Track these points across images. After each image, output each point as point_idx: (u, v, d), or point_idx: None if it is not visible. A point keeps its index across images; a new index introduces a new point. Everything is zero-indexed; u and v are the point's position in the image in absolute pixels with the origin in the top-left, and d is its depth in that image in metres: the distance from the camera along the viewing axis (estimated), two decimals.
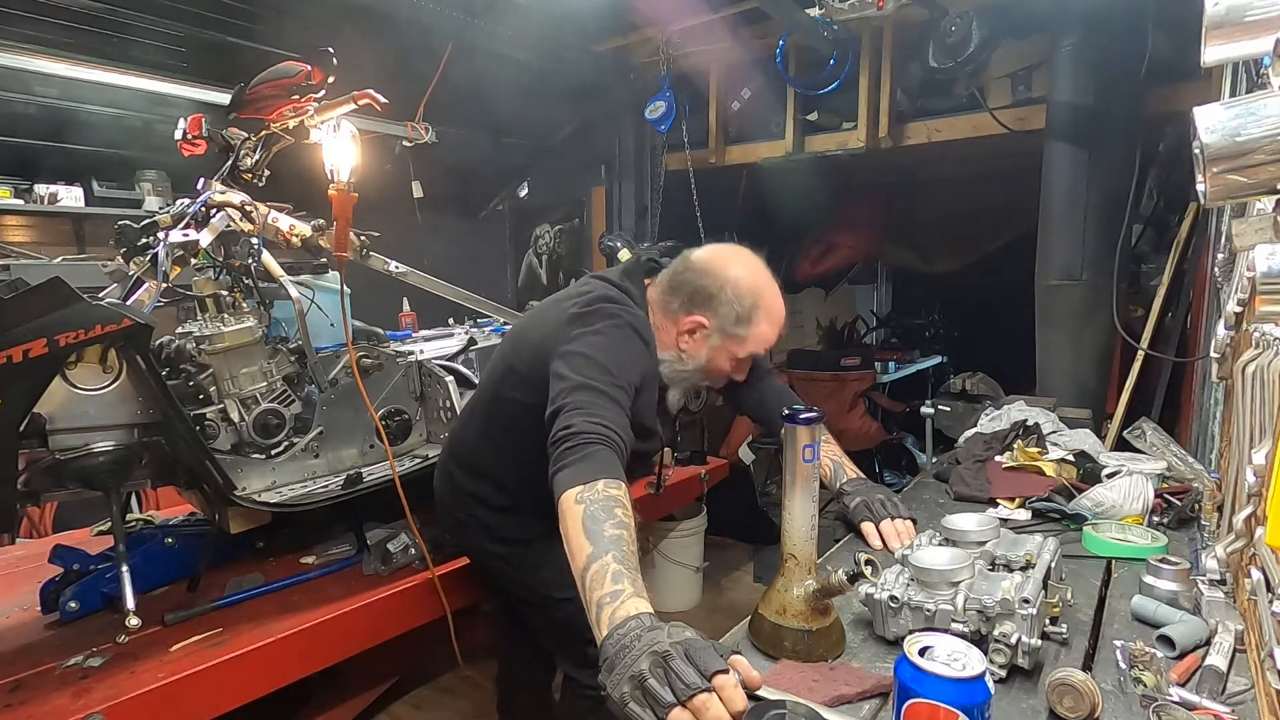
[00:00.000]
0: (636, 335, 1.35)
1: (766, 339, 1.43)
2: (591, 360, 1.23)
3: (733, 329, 1.40)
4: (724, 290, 1.39)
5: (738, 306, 1.39)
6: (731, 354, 1.43)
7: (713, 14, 3.34)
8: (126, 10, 2.69)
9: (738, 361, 1.45)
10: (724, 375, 1.49)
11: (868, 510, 1.38)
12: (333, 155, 1.69)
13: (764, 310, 1.40)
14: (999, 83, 3.05)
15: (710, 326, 1.41)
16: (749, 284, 1.40)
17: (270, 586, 1.81)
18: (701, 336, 1.42)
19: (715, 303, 1.39)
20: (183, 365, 1.77)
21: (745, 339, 1.41)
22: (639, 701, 0.73)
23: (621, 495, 1.00)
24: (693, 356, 1.44)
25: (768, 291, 1.42)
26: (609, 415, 1.14)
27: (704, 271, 1.41)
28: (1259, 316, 0.72)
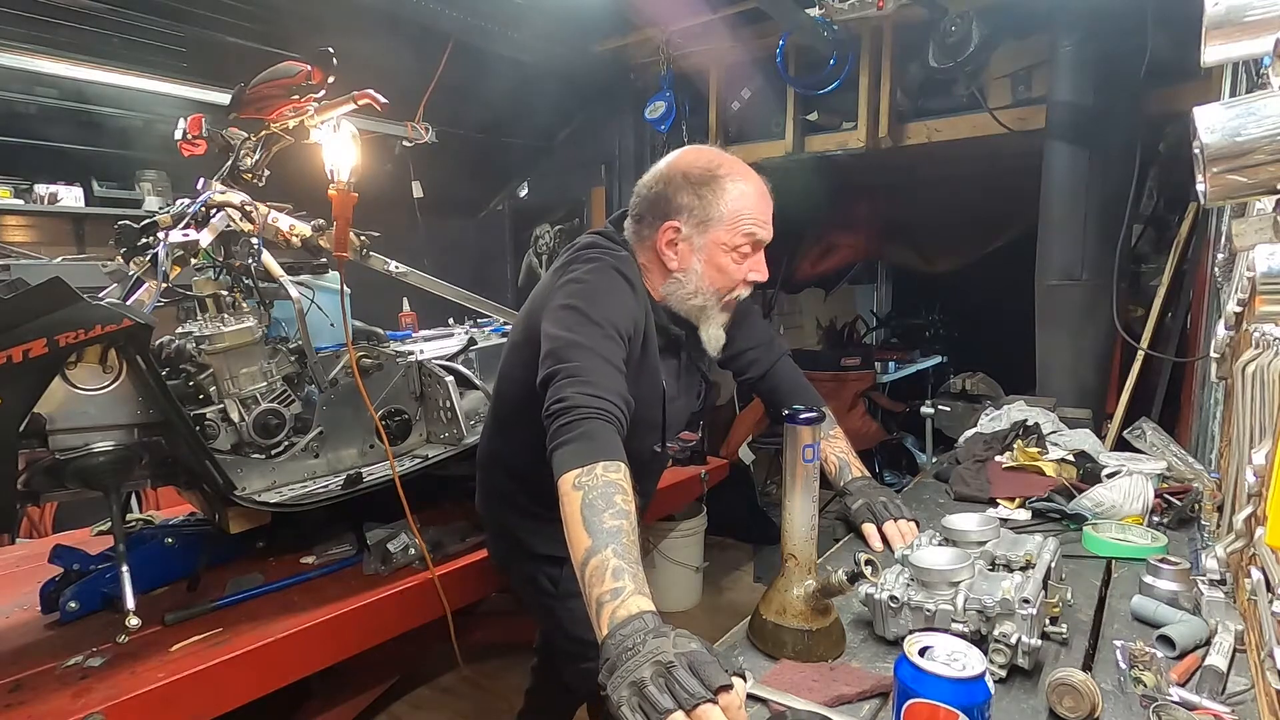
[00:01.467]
0: (620, 276, 1.25)
1: (751, 205, 1.27)
2: (575, 311, 1.15)
3: (705, 212, 1.26)
4: (675, 180, 1.28)
5: (698, 188, 1.26)
6: (724, 245, 1.28)
7: (713, 14, 3.34)
8: (126, 10, 2.69)
9: (738, 253, 1.29)
10: (737, 281, 1.32)
11: (869, 512, 1.36)
12: (333, 155, 1.69)
13: (727, 175, 1.27)
14: (999, 83, 3.05)
15: (682, 224, 1.28)
16: (697, 160, 1.28)
17: (270, 586, 1.81)
18: (684, 244, 1.29)
19: (675, 199, 1.27)
20: (183, 365, 1.77)
21: (724, 216, 1.26)
22: (633, 708, 0.72)
23: (620, 479, 0.98)
24: (687, 271, 1.30)
25: (723, 159, 1.29)
26: (603, 380, 1.08)
27: (651, 183, 1.31)
28: (1259, 316, 0.72)
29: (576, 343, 1.11)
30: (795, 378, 1.62)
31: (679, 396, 1.44)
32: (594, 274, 1.24)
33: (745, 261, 1.31)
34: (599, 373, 1.08)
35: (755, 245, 1.30)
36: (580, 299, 1.17)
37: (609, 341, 1.13)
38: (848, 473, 1.48)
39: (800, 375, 1.64)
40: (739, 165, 1.30)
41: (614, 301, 1.20)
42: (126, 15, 2.70)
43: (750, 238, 1.28)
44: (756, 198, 1.28)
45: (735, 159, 1.30)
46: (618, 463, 0.99)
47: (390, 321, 2.67)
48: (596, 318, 1.14)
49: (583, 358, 1.09)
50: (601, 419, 1.03)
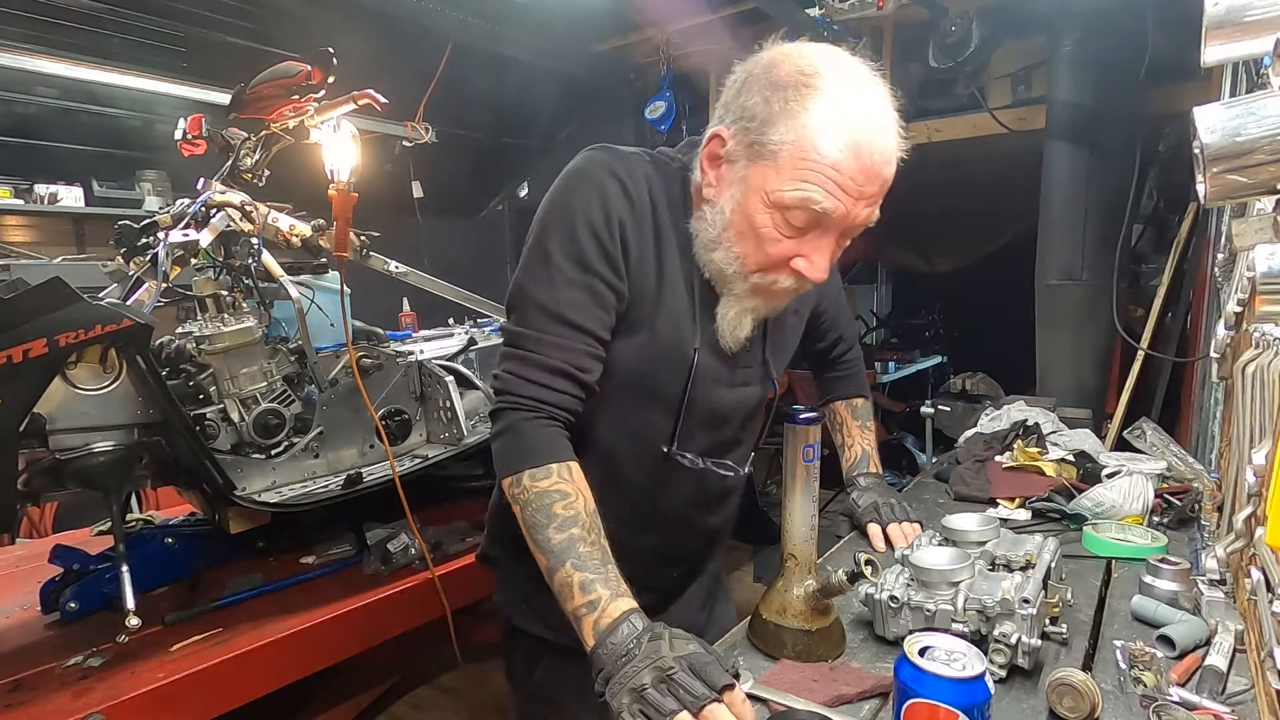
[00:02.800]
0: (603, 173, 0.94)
1: (830, 149, 0.82)
2: (532, 246, 0.95)
3: (762, 130, 0.84)
4: (754, 75, 0.87)
5: (771, 91, 0.84)
6: (766, 194, 0.86)
7: (713, 14, 3.34)
8: (126, 10, 2.70)
9: (784, 218, 0.86)
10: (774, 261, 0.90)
11: (875, 513, 1.34)
12: (333, 155, 1.69)
13: (819, 89, 0.82)
14: (999, 83, 3.05)
15: (730, 139, 0.88)
16: (798, 60, 0.84)
17: (270, 586, 1.81)
18: (726, 167, 0.90)
19: (741, 95, 0.87)
20: (183, 365, 1.77)
21: (782, 148, 0.83)
22: (634, 715, 0.72)
23: (552, 485, 0.88)
24: (715, 207, 0.92)
25: (838, 68, 0.84)
26: (544, 352, 0.91)
27: (735, 75, 0.91)
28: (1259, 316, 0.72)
29: (527, 294, 0.94)
30: (861, 363, 1.47)
31: (731, 382, 1.05)
32: (562, 181, 0.96)
33: (794, 239, 0.88)
34: (543, 342, 0.91)
35: (816, 219, 0.86)
36: (539, 227, 0.95)
37: (570, 283, 0.91)
38: (865, 465, 1.44)
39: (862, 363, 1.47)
40: (858, 84, 0.84)
41: (579, 216, 0.92)
42: (126, 15, 2.71)
43: (806, 203, 0.84)
44: (851, 143, 0.82)
45: (867, 77, 0.86)
46: (548, 466, 0.89)
47: (390, 321, 2.67)
48: (555, 247, 0.92)
49: (530, 318, 0.93)
50: (528, 410, 0.91)
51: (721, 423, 1.07)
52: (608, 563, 0.86)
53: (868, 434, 1.48)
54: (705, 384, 1.02)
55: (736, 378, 1.06)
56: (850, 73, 0.85)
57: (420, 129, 3.63)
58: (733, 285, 0.96)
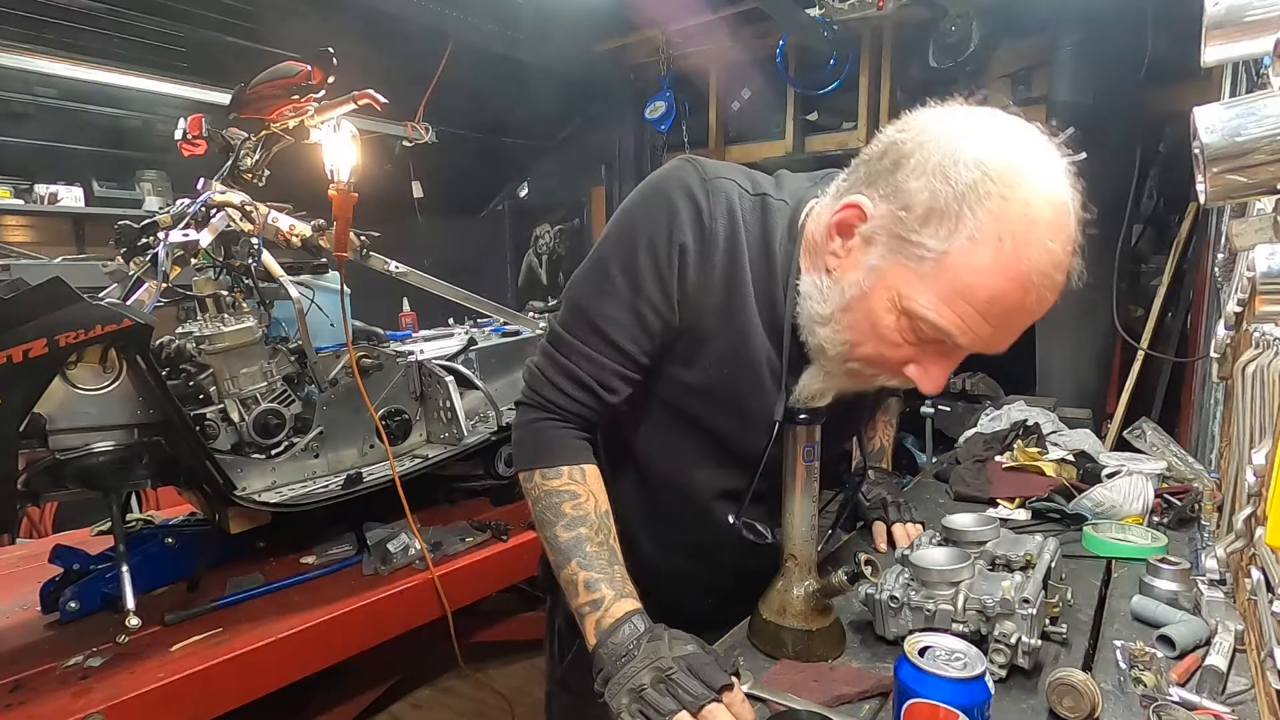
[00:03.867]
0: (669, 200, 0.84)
1: (984, 292, 0.69)
2: (591, 258, 0.91)
3: (916, 228, 0.70)
4: (928, 148, 0.71)
5: (942, 185, 0.68)
6: (902, 299, 0.73)
7: (713, 14, 3.34)
8: (126, 10, 2.70)
9: (911, 330, 0.75)
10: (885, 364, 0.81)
11: (883, 509, 1.33)
12: (333, 155, 1.69)
13: (1000, 209, 0.67)
14: (999, 83, 3.05)
15: (874, 217, 0.74)
16: (980, 154, 0.68)
17: (270, 586, 1.81)
18: (858, 244, 0.77)
19: (900, 174, 0.72)
20: (183, 365, 1.77)
21: (939, 264, 0.70)
22: (634, 715, 0.72)
23: (562, 485, 0.89)
24: (837, 284, 0.79)
25: (1021, 187, 0.67)
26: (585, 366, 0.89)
27: (897, 136, 0.76)
28: (1259, 316, 0.72)
29: (578, 299, 0.91)
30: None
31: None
32: (639, 191, 0.89)
33: (915, 347, 0.77)
34: (577, 352, 0.89)
35: (939, 342, 0.75)
36: (606, 232, 0.91)
37: (620, 301, 0.86)
38: (879, 459, 1.44)
39: None
40: (1049, 200, 0.68)
41: (643, 236, 0.85)
42: (126, 15, 2.71)
43: (935, 328, 0.73)
44: (1017, 279, 0.69)
45: (1063, 183, 0.70)
46: (559, 467, 0.90)
47: (390, 321, 2.67)
48: (615, 258, 0.87)
49: (573, 323, 0.90)
50: (548, 411, 0.92)
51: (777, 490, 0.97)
52: (614, 563, 0.86)
53: (889, 430, 1.48)
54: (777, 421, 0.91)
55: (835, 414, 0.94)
56: (1046, 179, 0.69)
57: (420, 129, 3.64)
58: (828, 364, 0.86)
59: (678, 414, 0.97)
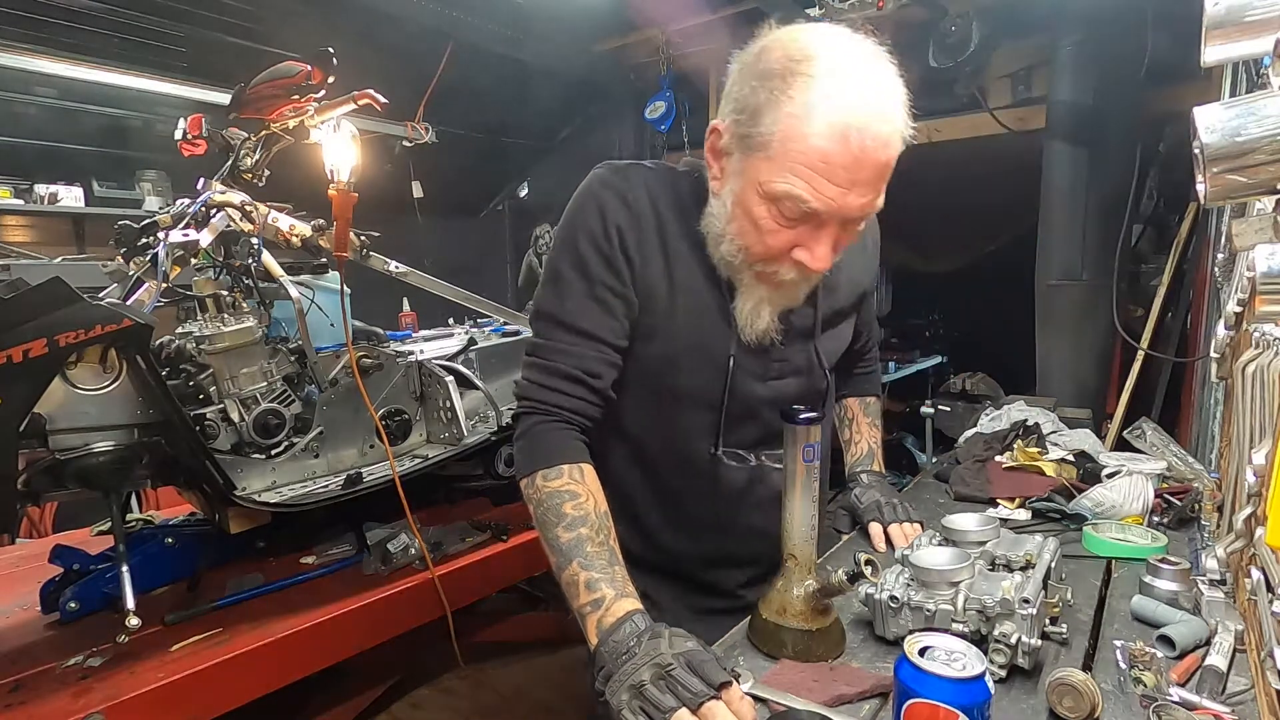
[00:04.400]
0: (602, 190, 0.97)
1: (819, 142, 0.78)
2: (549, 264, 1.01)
3: (753, 121, 0.82)
4: (745, 66, 0.85)
5: (762, 81, 0.81)
6: (759, 185, 0.84)
7: (713, 14, 3.34)
8: (126, 10, 2.70)
9: (778, 209, 0.84)
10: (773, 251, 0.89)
11: (878, 511, 1.34)
12: (333, 155, 1.69)
13: (804, 79, 0.78)
14: (999, 83, 3.05)
15: (724, 133, 0.88)
16: (787, 46, 0.81)
17: (270, 586, 1.81)
18: (726, 158, 0.90)
19: (734, 92, 0.86)
20: (183, 365, 1.77)
21: (772, 140, 0.80)
22: (634, 711, 0.72)
23: (562, 485, 0.92)
24: (721, 200, 0.92)
25: (832, 50, 0.80)
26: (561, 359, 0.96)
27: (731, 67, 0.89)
28: (1259, 316, 0.72)
29: (541, 307, 1.00)
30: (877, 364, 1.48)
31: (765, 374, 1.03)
32: (569, 205, 1.00)
33: (792, 230, 0.86)
34: (555, 351, 0.97)
35: (809, 213, 0.84)
36: (556, 237, 1.01)
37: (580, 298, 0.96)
38: (870, 462, 1.44)
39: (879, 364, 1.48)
40: (851, 67, 0.79)
41: (585, 235, 0.96)
42: (126, 15, 2.71)
43: (790, 197, 0.82)
44: (837, 135, 0.78)
45: (863, 57, 0.81)
46: (559, 467, 0.93)
47: (390, 321, 2.67)
48: (564, 261, 0.98)
49: (543, 329, 0.99)
50: (542, 414, 0.97)
51: (754, 417, 1.05)
52: (614, 563, 0.87)
53: (875, 432, 1.48)
54: (740, 379, 1.01)
55: (770, 370, 1.05)
56: (844, 53, 0.81)
57: (420, 129, 3.64)
58: (740, 275, 0.96)
59: (659, 388, 1.03)
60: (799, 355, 1.07)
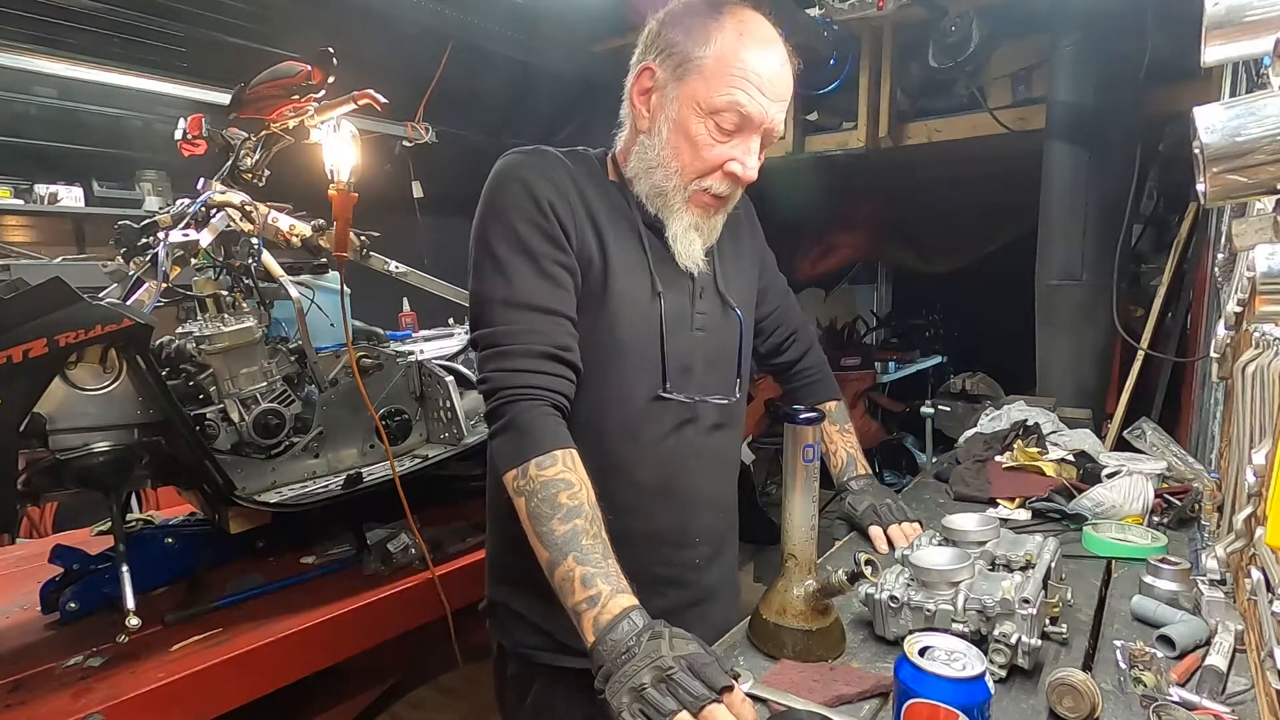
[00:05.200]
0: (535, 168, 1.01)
1: (749, 60, 0.96)
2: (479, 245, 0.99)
3: (686, 51, 0.98)
4: (671, 15, 1.02)
5: (688, 20, 0.99)
6: (698, 104, 0.97)
7: None
8: (126, 10, 2.69)
9: (716, 123, 0.98)
10: (709, 165, 1.01)
11: (876, 515, 1.34)
12: (333, 155, 1.69)
13: (729, 15, 0.98)
14: (999, 83, 3.05)
15: (658, 69, 1.01)
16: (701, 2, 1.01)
17: (270, 586, 1.81)
18: (657, 95, 1.02)
19: (662, 33, 1.01)
20: (183, 365, 1.77)
21: (707, 62, 0.96)
22: (634, 714, 0.72)
23: (558, 473, 0.89)
24: (654, 132, 1.02)
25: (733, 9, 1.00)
26: (523, 340, 0.94)
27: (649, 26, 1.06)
28: (1259, 316, 0.72)
29: (484, 298, 0.97)
30: (824, 369, 1.46)
31: (696, 325, 1.10)
32: (486, 191, 1.01)
33: (726, 141, 0.99)
34: (519, 332, 0.94)
35: (742, 121, 0.98)
36: (482, 231, 0.99)
37: (524, 273, 0.95)
38: (853, 469, 1.44)
39: (827, 366, 1.48)
40: (755, 15, 0.99)
41: (521, 204, 0.97)
42: (126, 15, 2.70)
43: (734, 105, 0.96)
44: (760, 53, 0.96)
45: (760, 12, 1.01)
46: (553, 453, 0.90)
47: (390, 321, 2.67)
48: (499, 248, 0.96)
49: (496, 315, 0.96)
50: (526, 399, 0.93)
51: (688, 369, 1.10)
52: (608, 557, 0.86)
53: (849, 436, 1.47)
54: (671, 327, 1.06)
55: (696, 321, 1.11)
56: (746, 8, 1.01)
57: (420, 129, 3.63)
58: (672, 200, 1.04)
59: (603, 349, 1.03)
60: (714, 308, 1.13)
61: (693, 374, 1.10)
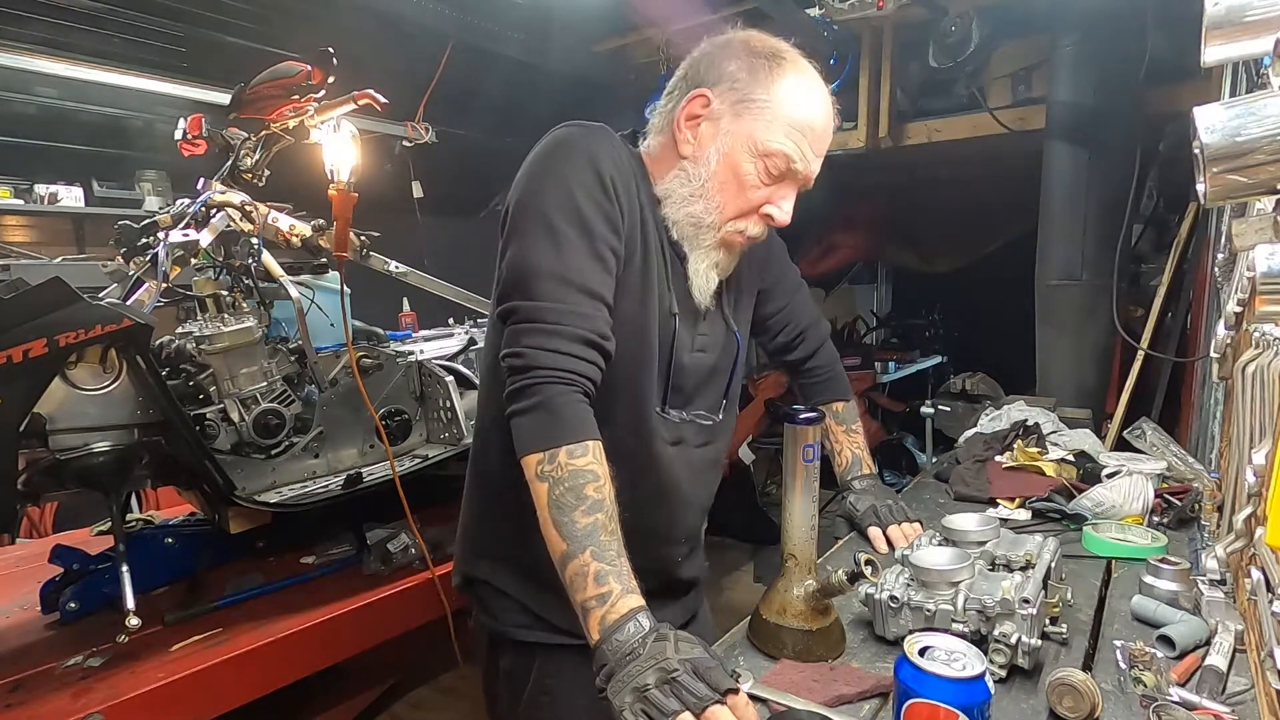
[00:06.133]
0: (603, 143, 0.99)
1: (807, 115, 0.98)
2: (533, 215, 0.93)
3: (749, 90, 0.97)
4: (730, 47, 1.01)
5: (748, 59, 0.98)
6: (754, 144, 0.97)
7: (713, 14, 3.33)
8: (126, 10, 2.69)
9: (767, 166, 0.99)
10: (751, 207, 1.01)
11: (875, 516, 1.34)
12: (333, 155, 1.69)
13: (790, 65, 0.99)
14: (999, 83, 3.05)
15: (715, 99, 0.99)
16: (764, 41, 1.01)
17: (270, 586, 1.81)
18: (708, 125, 1.00)
19: (721, 63, 1.00)
20: (183, 365, 1.77)
21: (769, 107, 0.96)
22: (636, 714, 0.72)
23: (588, 464, 0.86)
24: (699, 161, 1.00)
25: (796, 55, 1.01)
26: (569, 322, 0.89)
27: (700, 49, 1.05)
28: (1259, 316, 0.72)
29: (532, 266, 0.91)
30: (834, 368, 1.45)
31: (692, 347, 1.10)
32: (544, 153, 0.98)
33: (770, 185, 1.01)
34: (565, 312, 0.90)
35: (788, 170, 1.00)
36: (537, 195, 0.94)
37: (579, 249, 0.92)
38: (858, 469, 1.43)
39: (839, 364, 1.46)
40: (813, 72, 1.01)
41: (587, 180, 0.94)
42: (126, 15, 2.70)
43: (786, 156, 0.98)
44: (818, 111, 0.99)
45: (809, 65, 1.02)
46: (585, 443, 0.87)
47: (390, 321, 2.67)
48: (557, 217, 0.92)
49: (542, 289, 0.90)
50: (563, 383, 0.88)
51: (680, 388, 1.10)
52: (622, 555, 0.84)
53: (855, 437, 1.46)
54: (677, 344, 1.06)
55: (696, 343, 1.11)
56: (803, 60, 1.02)
57: (420, 129, 3.63)
58: (704, 237, 1.03)
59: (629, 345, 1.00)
60: (715, 329, 1.14)
61: (684, 392, 1.10)
